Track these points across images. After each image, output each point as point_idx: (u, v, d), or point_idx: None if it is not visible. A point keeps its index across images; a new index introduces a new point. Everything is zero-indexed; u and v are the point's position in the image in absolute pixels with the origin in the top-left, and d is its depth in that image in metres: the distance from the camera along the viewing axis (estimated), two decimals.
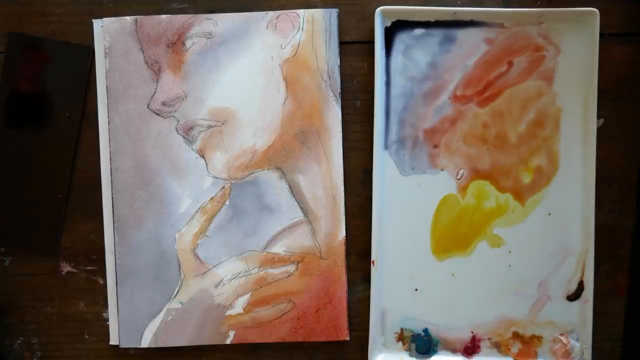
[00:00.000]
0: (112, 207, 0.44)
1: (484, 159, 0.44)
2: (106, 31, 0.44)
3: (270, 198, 0.44)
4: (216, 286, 0.44)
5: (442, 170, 0.44)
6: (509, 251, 0.44)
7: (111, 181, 0.44)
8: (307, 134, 0.43)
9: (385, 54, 0.44)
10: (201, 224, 0.44)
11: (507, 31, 0.43)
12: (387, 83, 0.44)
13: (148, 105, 0.44)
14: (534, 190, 0.44)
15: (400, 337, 0.45)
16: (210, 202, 0.44)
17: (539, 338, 0.45)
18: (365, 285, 0.45)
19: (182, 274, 0.44)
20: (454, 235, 0.45)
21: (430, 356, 0.45)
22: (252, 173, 0.44)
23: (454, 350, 0.45)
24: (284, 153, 0.44)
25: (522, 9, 0.43)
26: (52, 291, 0.45)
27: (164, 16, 0.44)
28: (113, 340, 0.45)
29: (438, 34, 0.44)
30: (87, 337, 0.46)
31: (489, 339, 0.45)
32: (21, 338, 0.46)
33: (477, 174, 0.44)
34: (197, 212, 0.44)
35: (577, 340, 0.44)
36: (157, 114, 0.44)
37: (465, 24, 0.43)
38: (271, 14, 0.43)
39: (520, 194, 0.44)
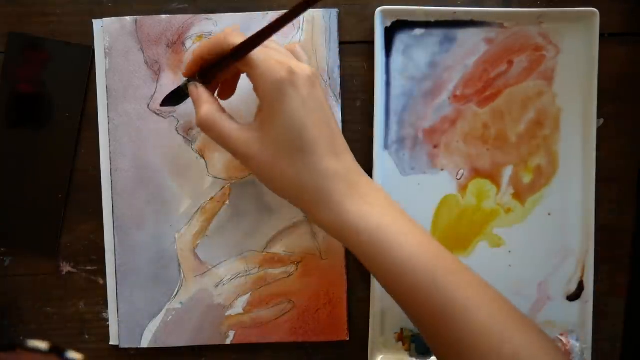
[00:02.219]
0: (112, 207, 0.44)
1: (484, 159, 0.44)
2: (106, 31, 0.44)
3: (270, 198, 0.44)
4: (216, 286, 0.44)
5: (442, 170, 0.44)
6: (509, 251, 0.44)
7: (111, 181, 0.44)
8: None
9: (385, 54, 0.44)
10: (201, 224, 0.44)
11: (507, 31, 0.43)
12: (387, 83, 0.44)
13: (148, 105, 0.44)
14: (534, 190, 0.44)
15: (400, 337, 0.45)
16: (210, 202, 0.44)
17: None
18: (365, 285, 0.45)
19: (182, 274, 0.44)
20: (454, 235, 0.45)
21: (430, 356, 0.45)
22: (252, 173, 0.44)
23: None
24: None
25: (522, 9, 0.43)
26: (52, 291, 0.45)
27: (164, 16, 0.44)
28: (113, 340, 0.45)
29: (438, 34, 0.44)
30: (87, 337, 0.46)
31: None
32: (21, 338, 0.46)
33: (477, 173, 0.44)
34: (197, 212, 0.44)
35: (577, 340, 0.44)
36: (157, 114, 0.44)
37: (465, 24, 0.43)
38: (271, 14, 0.43)
39: (520, 194, 0.44)
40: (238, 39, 0.35)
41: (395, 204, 0.37)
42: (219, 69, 0.37)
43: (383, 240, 0.35)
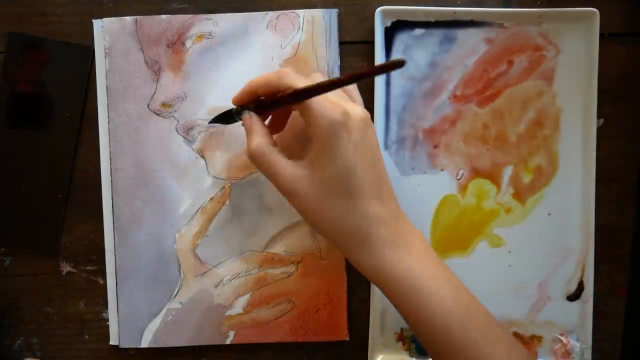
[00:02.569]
0: (112, 207, 0.44)
1: (484, 159, 0.44)
2: (106, 31, 0.44)
3: (270, 198, 0.44)
4: (216, 286, 0.44)
5: (442, 170, 0.44)
6: (509, 251, 0.44)
7: (111, 181, 0.44)
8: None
9: (385, 54, 0.44)
10: (201, 224, 0.44)
11: (507, 31, 0.43)
12: (387, 83, 0.44)
13: (148, 105, 0.44)
14: (534, 190, 0.44)
15: (400, 337, 0.45)
16: (210, 202, 0.44)
17: (539, 338, 0.45)
18: (365, 285, 0.45)
19: (182, 274, 0.44)
20: (454, 235, 0.45)
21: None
22: (252, 173, 0.44)
23: None
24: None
25: (522, 9, 0.43)
26: (52, 291, 0.45)
27: (164, 16, 0.44)
28: (113, 340, 0.45)
29: (438, 34, 0.44)
30: (87, 337, 0.46)
31: None
32: (21, 338, 0.46)
33: (477, 173, 0.44)
34: (197, 212, 0.44)
35: (577, 340, 0.44)
36: (157, 114, 0.44)
37: (465, 24, 0.43)
38: (271, 14, 0.43)
39: (520, 194, 0.44)
40: (295, 81, 0.35)
41: (432, 252, 0.38)
42: (273, 106, 0.37)
43: (421, 292, 0.35)
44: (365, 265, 0.36)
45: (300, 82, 0.36)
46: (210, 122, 0.42)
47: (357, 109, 0.35)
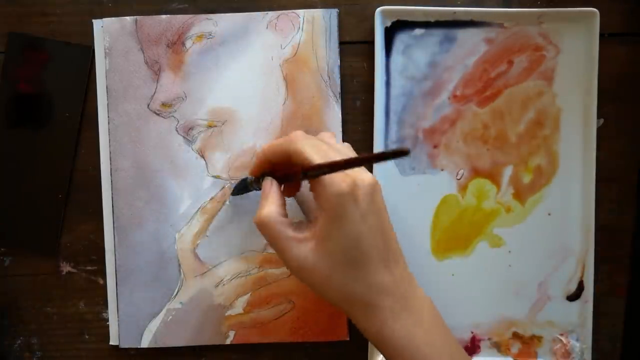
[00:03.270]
0: (112, 207, 0.44)
1: (484, 159, 0.44)
2: (106, 31, 0.44)
3: None
4: (216, 286, 0.44)
5: (442, 170, 0.44)
6: (509, 251, 0.44)
7: (111, 181, 0.44)
8: (307, 134, 0.43)
9: (385, 54, 0.44)
10: (201, 224, 0.44)
11: (507, 31, 0.43)
12: (387, 83, 0.44)
13: (148, 105, 0.44)
14: (534, 190, 0.44)
15: None
16: (210, 202, 0.44)
17: (539, 338, 0.45)
18: None
19: (182, 274, 0.44)
20: (454, 235, 0.45)
21: None
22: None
23: None
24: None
25: (522, 9, 0.43)
26: (52, 291, 0.46)
27: (164, 16, 0.44)
28: (113, 340, 0.45)
29: (438, 34, 0.44)
30: (87, 337, 0.46)
31: (489, 339, 0.45)
32: (21, 338, 0.46)
33: (477, 173, 0.44)
34: (197, 212, 0.44)
35: (577, 340, 0.44)
36: (157, 114, 0.44)
37: (465, 24, 0.43)
38: (271, 14, 0.43)
39: (520, 194, 0.44)
40: (306, 148, 0.36)
41: (438, 319, 0.38)
42: (286, 181, 0.38)
43: None
44: (370, 332, 0.37)
45: (309, 147, 0.36)
46: (233, 195, 0.44)
47: (365, 176, 0.35)
